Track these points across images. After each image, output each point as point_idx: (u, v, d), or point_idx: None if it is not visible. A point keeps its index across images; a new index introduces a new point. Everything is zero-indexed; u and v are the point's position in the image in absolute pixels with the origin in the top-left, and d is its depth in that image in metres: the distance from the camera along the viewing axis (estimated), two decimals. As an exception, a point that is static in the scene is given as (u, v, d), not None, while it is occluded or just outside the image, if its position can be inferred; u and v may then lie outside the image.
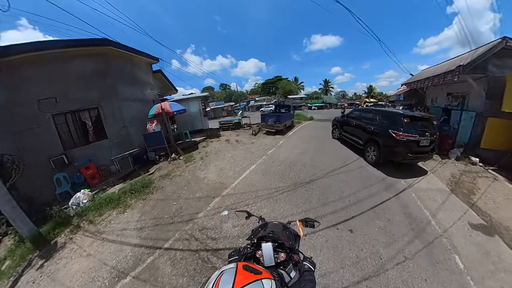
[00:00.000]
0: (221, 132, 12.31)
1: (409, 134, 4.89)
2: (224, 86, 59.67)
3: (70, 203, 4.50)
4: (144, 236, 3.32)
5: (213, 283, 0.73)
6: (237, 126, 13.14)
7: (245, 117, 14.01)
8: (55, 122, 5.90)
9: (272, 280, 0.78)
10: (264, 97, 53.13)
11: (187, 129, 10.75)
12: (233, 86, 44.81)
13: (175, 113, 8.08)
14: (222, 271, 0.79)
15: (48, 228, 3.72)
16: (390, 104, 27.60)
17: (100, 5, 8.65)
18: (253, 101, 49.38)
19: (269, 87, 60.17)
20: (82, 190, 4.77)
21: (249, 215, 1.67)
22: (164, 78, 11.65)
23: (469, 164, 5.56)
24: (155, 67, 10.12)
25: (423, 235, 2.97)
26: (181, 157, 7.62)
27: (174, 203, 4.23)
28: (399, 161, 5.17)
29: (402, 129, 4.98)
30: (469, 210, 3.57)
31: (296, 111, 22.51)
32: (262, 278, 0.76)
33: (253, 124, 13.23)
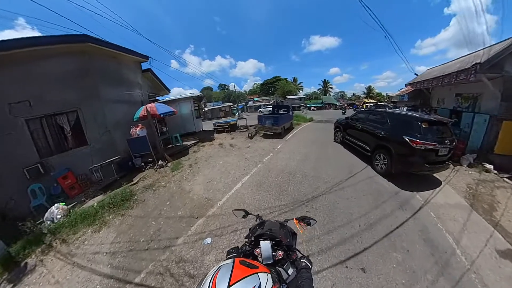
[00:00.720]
0: (216, 135, 11.58)
1: (428, 142, 4.20)
2: (223, 87, 58.99)
3: (44, 218, 4.15)
4: (115, 265, 2.92)
5: (211, 278, 0.74)
6: (233, 128, 12.41)
7: (242, 118, 13.26)
8: (29, 128, 5.45)
9: (268, 274, 0.80)
10: (262, 98, 52.50)
11: (178, 132, 10.03)
12: (232, 86, 44.07)
13: (162, 115, 7.38)
14: (220, 267, 0.81)
15: (19, 247, 3.41)
16: (391, 105, 27.15)
17: (91, 4, 7.93)
18: (251, 102, 48.70)
19: (268, 87, 59.60)
20: (56, 204, 4.31)
21: (246, 213, 1.69)
22: (154, 77, 10.93)
23: (483, 171, 5.13)
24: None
25: (448, 271, 2.46)
26: (168, 164, 6.91)
27: (153, 222, 3.69)
28: (413, 172, 4.49)
29: (419, 135, 4.29)
30: (494, 232, 3.13)
31: (295, 112, 21.86)
32: (259, 272, 0.78)
33: (250, 125, 12.51)
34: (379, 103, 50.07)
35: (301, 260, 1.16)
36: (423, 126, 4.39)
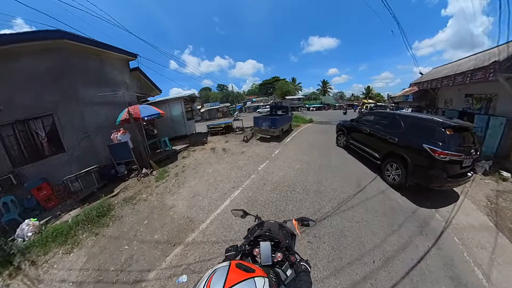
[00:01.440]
0: (209, 138, 10.84)
1: (454, 153, 3.50)
2: (221, 87, 58.27)
3: (15, 235, 3.80)
4: (80, 299, 2.42)
5: (205, 282, 0.72)
6: (228, 130, 11.67)
7: (237, 119, 12.52)
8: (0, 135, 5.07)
9: (265, 278, 0.77)
10: (261, 98, 51.75)
11: (168, 136, 9.28)
12: (230, 87, 43.32)
13: (146, 118, 6.63)
14: (215, 270, 0.78)
15: (-15, 269, 2.97)
16: (392, 106, 26.47)
17: (79, 3, 7.19)
18: (249, 102, 47.95)
19: (267, 87, 58.98)
20: (26, 221, 3.93)
21: (245, 214, 1.64)
22: (144, 77, 10.19)
23: (501, 180, 4.61)
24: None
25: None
26: (154, 172, 6.19)
27: (127, 247, 3.21)
28: (432, 188, 3.79)
29: (442, 144, 3.58)
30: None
31: (294, 113, 21.16)
32: (255, 276, 0.75)
33: (247, 127, 11.78)
34: (378, 103, 49.93)
35: (300, 263, 1.11)
36: (448, 133, 3.68)
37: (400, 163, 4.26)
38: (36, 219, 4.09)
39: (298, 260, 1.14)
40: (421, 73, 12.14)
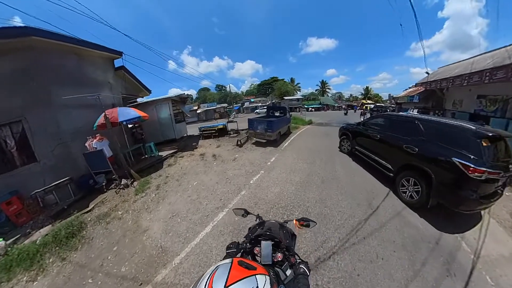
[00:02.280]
0: (201, 141, 10.03)
1: (492, 170, 2.74)
2: (220, 87, 57.43)
3: None
4: None
5: (208, 278, 0.73)
6: (222, 132, 10.86)
7: (232, 121, 11.70)
8: (-37, 145, 4.58)
9: (267, 276, 0.79)
10: (259, 99, 51.02)
11: (156, 140, 8.53)
12: (228, 87, 42.42)
13: (124, 123, 5.82)
14: (217, 266, 0.80)
15: None
16: (392, 107, 25.74)
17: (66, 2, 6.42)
18: (248, 103, 47.14)
19: (265, 88, 58.28)
20: None
21: (246, 213, 1.66)
22: (130, 76, 9.36)
23: None
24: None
25: None
26: (134, 183, 5.42)
27: (90, 280, 2.70)
28: (461, 211, 3.04)
29: (477, 158, 2.81)
30: None
31: (293, 113, 20.39)
32: (256, 274, 0.77)
33: (242, 130, 10.97)
34: (377, 104, 49.41)
35: (300, 265, 1.10)
36: (483, 144, 2.90)
37: (420, 179, 3.48)
38: (2, 238, 3.67)
39: (298, 262, 1.15)
40: (427, 73, 11.42)
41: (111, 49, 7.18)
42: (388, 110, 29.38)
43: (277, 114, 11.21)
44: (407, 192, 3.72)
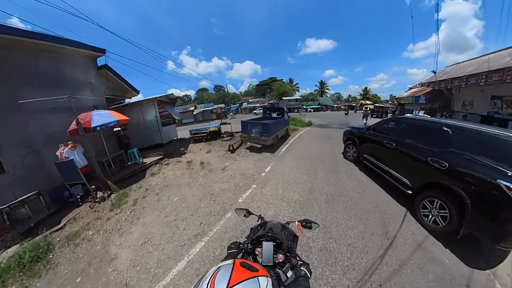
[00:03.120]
0: (191, 145, 9.24)
1: None
2: (218, 88, 56.64)
3: None
4: None
5: (210, 278, 0.73)
6: (214, 135, 10.08)
7: (225, 123, 10.91)
8: None
9: (269, 278, 0.79)
10: (258, 99, 50.31)
11: (141, 145, 7.75)
12: (227, 88, 41.59)
13: (98, 128, 5.05)
14: (219, 267, 0.80)
15: None
16: (392, 108, 24.95)
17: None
18: (246, 103, 46.40)
19: (264, 88, 57.62)
20: None
21: (248, 213, 1.65)
22: (115, 76, 8.57)
23: None
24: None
25: None
26: (112, 196, 4.72)
27: None
28: (503, 248, 2.32)
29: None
30: None
31: (292, 114, 19.64)
32: (259, 276, 0.77)
33: (236, 132, 10.19)
34: (377, 105, 48.66)
35: (301, 267, 1.08)
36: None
37: (448, 202, 2.72)
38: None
39: (299, 264, 1.13)
40: (434, 72, 10.73)
41: (92, 46, 6.50)
42: (388, 111, 28.81)
43: (274, 115, 10.50)
44: (430, 217, 2.98)
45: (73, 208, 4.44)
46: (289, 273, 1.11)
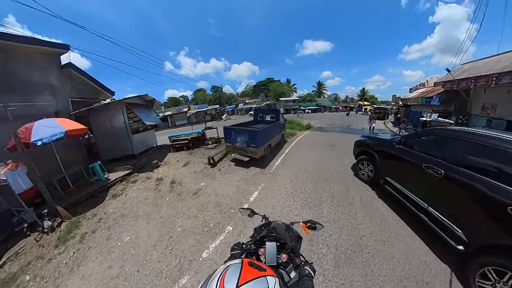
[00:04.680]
0: (170, 154, 7.78)
1: None
2: (215, 89, 55.10)
3: None
4: None
5: (219, 276, 0.74)
6: (197, 142, 8.62)
7: (210, 128, 9.45)
8: None
9: (276, 278, 0.80)
10: (254, 100, 48.86)
11: (113, 156, 6.40)
12: (226, 89, 40.34)
13: (39, 143, 3.73)
14: (228, 266, 0.80)
15: None
16: (393, 109, 23.31)
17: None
18: (242, 104, 44.86)
19: (261, 89, 56.25)
20: None
21: (253, 213, 1.64)
22: (82, 75, 7.12)
23: None
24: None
25: None
26: (63, 224, 3.78)
27: None
28: None
29: None
30: None
31: (289, 116, 18.30)
32: (267, 275, 0.77)
33: (224, 138, 8.73)
34: (377, 105, 47.76)
35: (305, 267, 1.07)
36: None
37: None
38: None
39: (302, 263, 1.11)
40: (448, 70, 9.49)
41: (51, 42, 5.56)
42: (390, 112, 27.68)
43: (268, 118, 9.09)
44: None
45: (20, 238, 3.50)
46: (292, 274, 1.11)
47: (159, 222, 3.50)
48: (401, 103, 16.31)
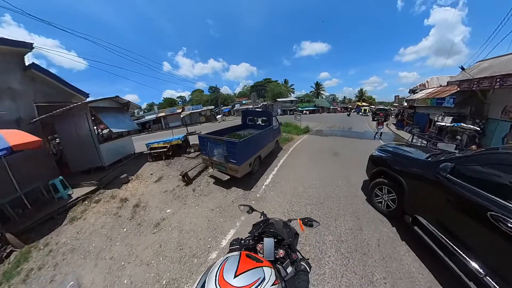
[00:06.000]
0: (147, 165, 6.65)
1: None
2: (213, 89, 53.94)
3: None
4: None
5: (218, 267, 0.81)
6: (178, 151, 7.46)
7: (193, 133, 8.27)
8: None
9: (272, 269, 0.86)
10: (251, 100, 47.66)
11: (82, 168, 5.43)
12: (224, 89, 39.14)
13: None
14: (227, 258, 0.87)
15: None
16: (393, 110, 22.03)
17: None
18: (238, 105, 43.65)
19: (258, 89, 55.21)
20: None
21: (251, 210, 1.67)
22: (49, 77, 5.93)
23: None
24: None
25: None
26: (13, 254, 3.09)
27: None
28: None
29: None
30: None
31: (286, 117, 17.20)
32: (263, 266, 0.84)
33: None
34: (371, 106, 46.86)
35: (301, 262, 1.11)
36: None
37: None
38: None
39: (299, 259, 1.16)
40: (462, 68, 8.45)
41: (10, 40, 4.79)
42: (390, 114, 26.72)
43: (259, 122, 7.89)
44: None
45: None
46: (289, 269, 1.14)
47: (107, 265, 2.62)
48: (405, 104, 15.24)
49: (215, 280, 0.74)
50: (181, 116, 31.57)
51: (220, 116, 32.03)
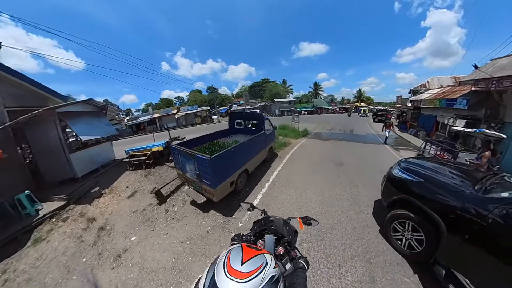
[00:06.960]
0: (125, 174, 5.90)
1: None
2: (211, 90, 53.14)
3: None
4: None
5: (225, 258, 0.87)
6: (160, 158, 6.67)
7: (176, 139, 7.48)
8: None
9: (271, 256, 0.93)
10: (249, 101, 46.84)
11: (54, 178, 5.12)
12: (223, 90, 38.36)
13: None
14: (230, 250, 0.93)
15: None
16: (393, 111, 21.12)
17: None
18: (235, 105, 42.81)
19: (256, 90, 54.41)
20: None
21: (252, 207, 1.76)
22: (22, 80, 5.26)
23: None
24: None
25: None
26: None
27: None
28: None
29: None
30: None
31: (284, 117, 16.36)
32: (264, 253, 0.92)
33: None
34: (370, 106, 46.12)
35: (299, 260, 1.15)
36: None
37: None
38: None
39: (298, 256, 1.20)
40: (475, 66, 7.71)
41: None
42: (391, 114, 25.95)
43: (250, 126, 6.85)
44: None
45: None
46: (288, 266, 1.18)
47: None
48: (409, 105, 14.47)
49: (224, 269, 0.80)
50: (176, 117, 30.76)
51: (216, 117, 31.26)
